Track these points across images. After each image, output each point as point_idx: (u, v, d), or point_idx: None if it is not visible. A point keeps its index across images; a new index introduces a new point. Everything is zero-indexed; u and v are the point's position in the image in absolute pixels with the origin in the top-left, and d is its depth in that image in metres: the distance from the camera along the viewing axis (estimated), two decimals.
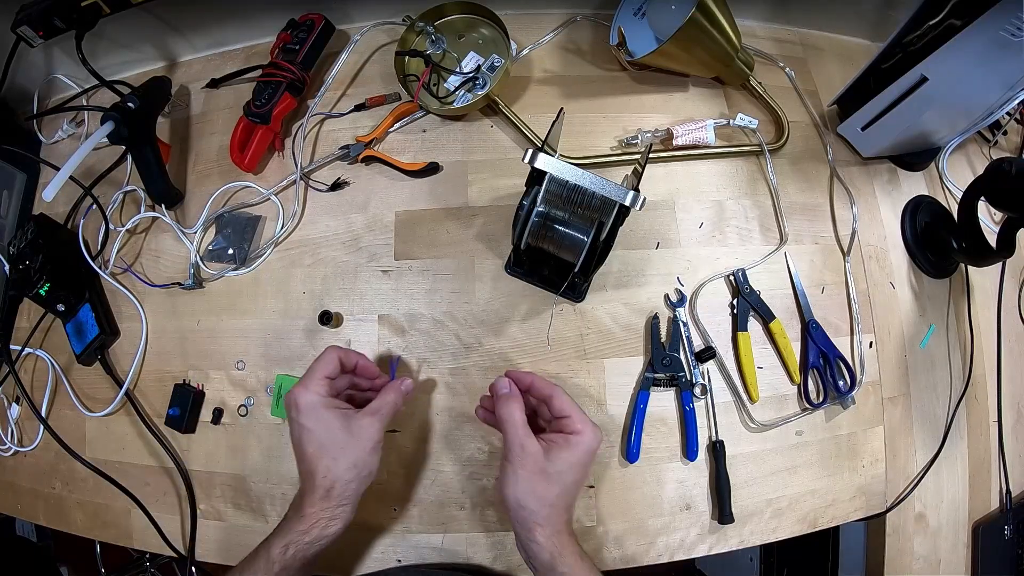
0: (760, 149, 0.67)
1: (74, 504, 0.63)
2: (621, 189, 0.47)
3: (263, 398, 0.61)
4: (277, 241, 0.65)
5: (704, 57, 0.65)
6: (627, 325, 0.61)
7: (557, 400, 0.44)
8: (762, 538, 0.58)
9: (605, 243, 0.50)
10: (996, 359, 0.67)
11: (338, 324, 0.62)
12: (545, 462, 0.42)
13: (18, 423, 0.67)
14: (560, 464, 0.42)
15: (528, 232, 0.51)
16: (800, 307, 0.63)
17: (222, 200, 0.68)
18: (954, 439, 0.64)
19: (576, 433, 0.43)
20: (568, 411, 0.44)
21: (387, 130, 0.67)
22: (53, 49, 0.72)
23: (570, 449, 0.43)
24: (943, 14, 0.54)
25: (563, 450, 0.43)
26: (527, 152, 0.47)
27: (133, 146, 0.64)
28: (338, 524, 0.45)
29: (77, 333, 0.64)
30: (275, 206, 0.66)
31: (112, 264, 0.66)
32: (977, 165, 0.74)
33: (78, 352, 0.64)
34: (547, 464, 0.42)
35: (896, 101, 0.61)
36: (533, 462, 0.42)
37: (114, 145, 0.63)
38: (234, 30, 0.75)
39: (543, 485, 0.42)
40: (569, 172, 0.47)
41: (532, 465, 0.42)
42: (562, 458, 0.42)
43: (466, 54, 0.68)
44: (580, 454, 0.43)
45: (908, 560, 0.61)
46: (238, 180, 0.67)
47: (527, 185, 0.52)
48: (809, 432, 0.60)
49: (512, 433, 0.42)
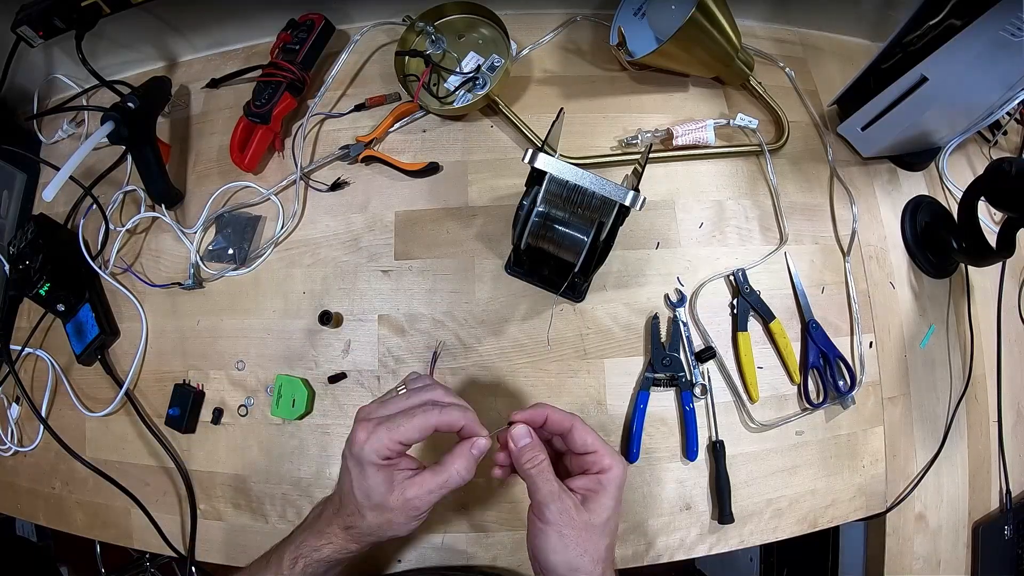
0: (760, 149, 0.67)
1: (74, 504, 0.63)
2: (621, 189, 0.47)
3: (263, 398, 0.61)
4: (277, 241, 0.65)
5: (704, 57, 0.65)
6: (627, 325, 0.61)
7: (579, 434, 0.39)
8: (762, 538, 0.58)
9: (605, 243, 0.50)
10: (996, 359, 0.67)
11: (338, 324, 0.62)
12: (588, 515, 0.37)
13: (18, 423, 0.67)
14: (603, 512, 0.38)
15: (528, 232, 0.51)
16: (800, 307, 0.63)
17: (222, 200, 0.68)
18: (954, 439, 0.64)
19: (606, 471, 0.39)
20: (593, 446, 0.39)
21: (387, 130, 0.67)
22: (53, 49, 0.72)
23: (606, 492, 0.38)
24: (943, 14, 0.54)
25: (601, 496, 0.38)
26: (527, 152, 0.47)
27: (133, 146, 0.64)
28: (353, 551, 0.43)
29: (77, 333, 0.64)
30: (275, 206, 0.66)
31: (112, 264, 0.66)
32: (977, 165, 0.74)
33: (78, 352, 0.64)
34: (591, 517, 0.37)
35: (896, 101, 0.61)
36: (575, 519, 0.37)
37: (114, 145, 0.63)
38: (234, 30, 0.75)
39: (593, 541, 0.37)
40: (569, 172, 0.47)
41: (577, 523, 0.37)
42: (604, 505, 0.38)
43: (466, 54, 0.68)
44: (616, 492, 0.39)
45: (908, 560, 0.61)
46: (238, 180, 0.67)
47: (527, 185, 0.52)
48: (809, 432, 0.60)
49: (547, 490, 0.37)
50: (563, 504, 0.37)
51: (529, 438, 0.39)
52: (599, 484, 0.38)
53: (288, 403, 0.58)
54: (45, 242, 0.63)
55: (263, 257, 0.64)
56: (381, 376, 0.60)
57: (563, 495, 0.37)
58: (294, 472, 0.59)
